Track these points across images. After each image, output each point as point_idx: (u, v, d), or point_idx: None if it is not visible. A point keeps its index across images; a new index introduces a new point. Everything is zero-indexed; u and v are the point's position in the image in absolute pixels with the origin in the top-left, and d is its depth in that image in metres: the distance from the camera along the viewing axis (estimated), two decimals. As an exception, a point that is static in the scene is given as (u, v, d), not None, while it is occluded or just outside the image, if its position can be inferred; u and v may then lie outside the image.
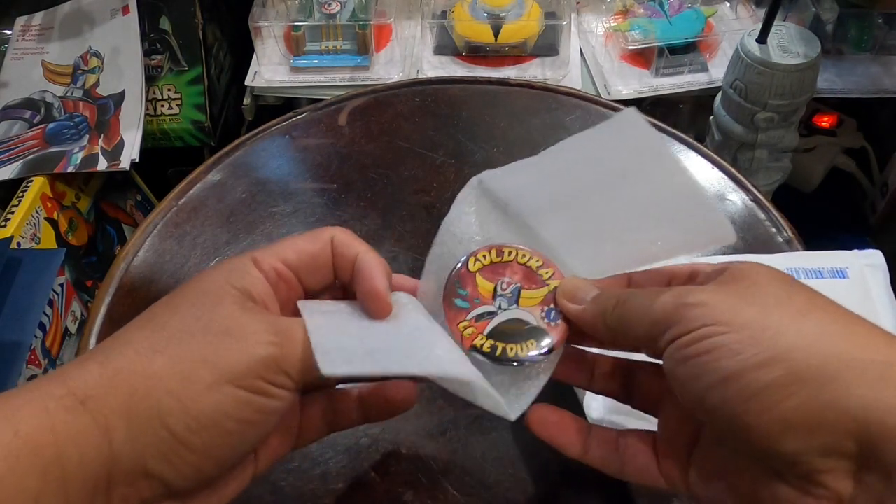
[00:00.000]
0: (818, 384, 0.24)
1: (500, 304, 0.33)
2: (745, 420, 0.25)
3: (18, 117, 0.85)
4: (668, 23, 0.90)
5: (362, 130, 0.61)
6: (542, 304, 0.33)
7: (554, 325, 0.33)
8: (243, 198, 0.56)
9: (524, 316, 0.33)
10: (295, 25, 0.89)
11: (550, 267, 0.34)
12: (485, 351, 0.32)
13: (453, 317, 0.33)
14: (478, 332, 0.33)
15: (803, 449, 0.24)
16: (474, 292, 0.34)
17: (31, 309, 0.64)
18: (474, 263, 0.34)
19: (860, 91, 0.89)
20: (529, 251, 0.35)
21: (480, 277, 0.34)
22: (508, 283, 0.34)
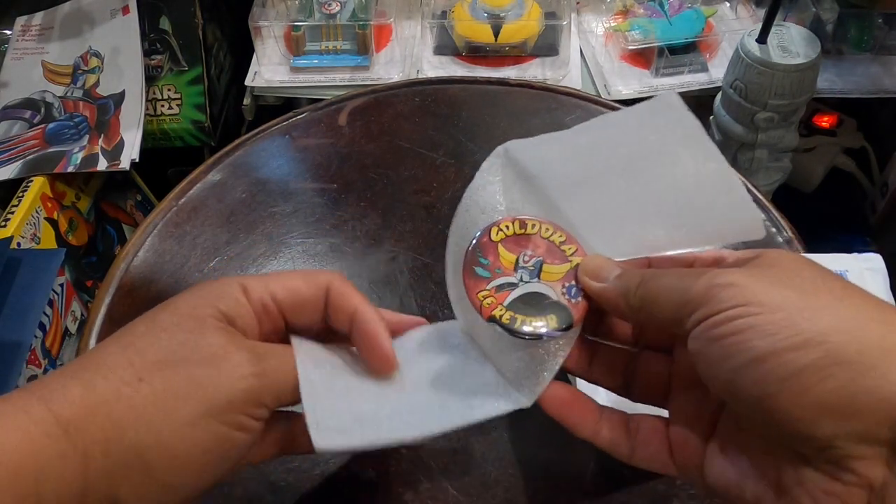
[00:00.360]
0: (856, 369, 0.24)
1: (522, 276, 0.33)
2: (777, 402, 0.25)
3: (18, 117, 0.85)
4: (668, 23, 0.90)
5: (362, 130, 0.61)
6: (563, 280, 0.33)
7: (574, 302, 0.32)
8: (243, 198, 0.56)
9: (545, 290, 0.33)
10: (295, 25, 0.89)
11: (573, 243, 0.34)
12: (504, 322, 0.32)
13: (473, 285, 0.33)
14: (497, 302, 0.32)
15: (837, 434, 0.24)
16: (496, 262, 0.33)
17: (31, 309, 0.64)
18: (497, 233, 0.34)
19: (860, 91, 0.89)
20: (553, 226, 0.34)
21: (503, 248, 0.34)
22: (531, 255, 0.33)
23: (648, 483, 0.40)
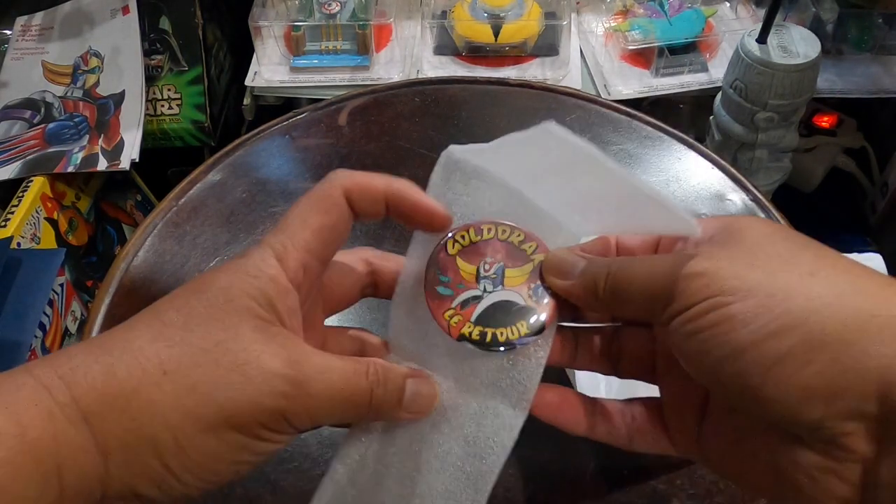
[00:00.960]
0: (836, 348, 0.24)
1: (485, 286, 0.32)
2: (762, 391, 0.25)
3: (18, 117, 0.85)
4: (668, 23, 0.90)
5: (362, 130, 0.61)
6: (528, 282, 0.32)
7: (544, 303, 0.31)
8: (243, 198, 0.56)
9: (511, 296, 0.31)
10: (295, 25, 0.89)
11: (533, 241, 0.32)
12: (474, 339, 0.31)
13: (437, 306, 0.31)
14: (465, 319, 0.31)
15: (825, 415, 0.24)
16: (456, 277, 0.32)
17: (31, 309, 0.64)
18: (453, 246, 0.32)
19: (860, 91, 0.89)
20: (509, 226, 0.33)
21: (461, 260, 0.32)
22: (491, 262, 0.32)
23: (648, 483, 0.40)
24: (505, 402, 0.31)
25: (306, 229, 0.30)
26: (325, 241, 0.30)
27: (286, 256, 0.29)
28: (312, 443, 0.42)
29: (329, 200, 0.30)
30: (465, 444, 0.31)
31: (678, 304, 0.27)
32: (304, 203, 0.30)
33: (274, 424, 0.27)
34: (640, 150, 0.59)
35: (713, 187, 0.56)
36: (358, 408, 0.29)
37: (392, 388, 0.30)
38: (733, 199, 0.55)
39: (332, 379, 0.28)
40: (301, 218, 0.30)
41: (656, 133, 0.60)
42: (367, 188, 0.31)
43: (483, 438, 0.31)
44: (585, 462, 0.41)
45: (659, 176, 0.57)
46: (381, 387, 0.30)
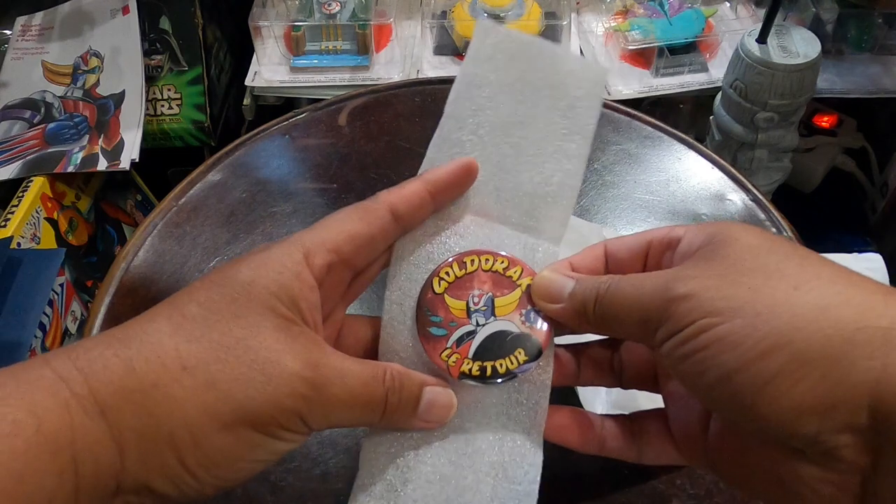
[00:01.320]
0: (824, 364, 0.24)
1: (477, 320, 0.32)
2: (756, 410, 0.25)
3: (18, 117, 0.85)
4: (668, 23, 0.90)
5: (362, 130, 0.61)
6: (518, 308, 0.32)
7: (538, 328, 0.32)
8: (243, 198, 0.56)
9: (504, 326, 0.32)
10: (295, 25, 0.89)
11: (517, 265, 0.33)
12: (474, 375, 0.31)
13: (433, 348, 0.31)
14: (462, 357, 0.31)
15: (820, 430, 0.24)
16: (447, 315, 0.32)
17: (31, 309, 0.64)
18: (439, 284, 0.32)
19: (860, 91, 0.89)
20: (491, 254, 0.33)
21: (449, 297, 0.32)
22: (479, 295, 0.32)
23: (648, 483, 0.40)
24: (518, 430, 0.32)
25: (341, 233, 0.30)
26: (357, 249, 0.30)
27: (313, 254, 0.29)
28: (312, 443, 0.42)
29: (372, 213, 0.31)
30: (493, 471, 0.31)
31: (668, 328, 0.27)
32: (345, 210, 0.31)
33: (291, 424, 0.27)
34: (640, 150, 0.59)
35: (713, 187, 0.56)
36: (372, 413, 0.30)
37: (407, 395, 0.30)
38: (733, 199, 0.55)
39: (350, 384, 0.28)
40: (338, 221, 0.31)
41: (656, 133, 0.60)
42: (412, 199, 0.32)
43: (510, 461, 0.31)
44: (585, 462, 0.41)
45: (659, 176, 0.57)
46: (395, 394, 0.30)
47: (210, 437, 0.26)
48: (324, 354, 0.28)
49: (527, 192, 0.34)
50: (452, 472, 0.31)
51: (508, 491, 0.31)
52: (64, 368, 0.25)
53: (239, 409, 0.26)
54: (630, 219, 0.55)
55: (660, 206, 0.55)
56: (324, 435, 0.43)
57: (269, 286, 0.28)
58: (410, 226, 0.33)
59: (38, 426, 0.24)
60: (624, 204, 0.55)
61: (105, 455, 0.25)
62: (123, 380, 0.25)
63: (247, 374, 0.26)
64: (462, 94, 0.34)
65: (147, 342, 0.26)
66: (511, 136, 0.34)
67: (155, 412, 0.25)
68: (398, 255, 0.33)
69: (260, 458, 0.27)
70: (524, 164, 0.34)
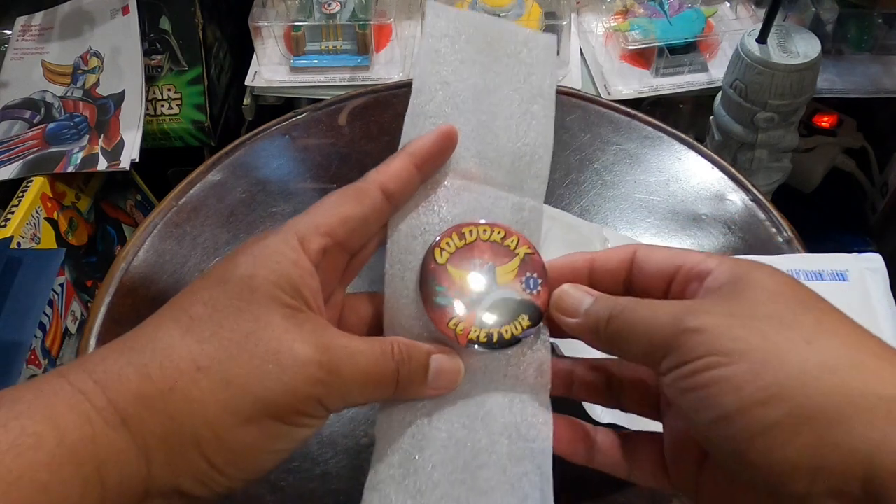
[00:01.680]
0: (823, 424, 0.23)
1: (481, 288, 0.33)
2: (750, 457, 0.24)
3: (18, 117, 0.85)
4: (668, 23, 0.90)
5: (362, 130, 0.61)
6: (518, 276, 0.33)
7: (537, 293, 0.33)
8: (243, 198, 0.56)
9: (507, 293, 0.33)
10: (295, 25, 0.89)
11: (513, 235, 0.34)
12: (482, 342, 0.32)
13: (439, 318, 0.32)
14: (469, 325, 0.32)
15: (810, 491, 0.24)
16: (452, 285, 0.32)
17: (31, 309, 0.64)
18: (441, 255, 0.33)
19: (860, 91, 0.89)
20: (488, 225, 0.34)
21: (452, 268, 0.33)
22: (481, 264, 0.33)
23: (648, 483, 0.40)
24: (527, 391, 0.33)
25: (334, 217, 0.30)
26: (351, 231, 0.31)
27: (308, 239, 0.29)
28: (312, 443, 0.42)
29: (363, 193, 0.31)
30: (506, 431, 0.32)
31: (675, 358, 0.27)
32: (336, 194, 0.31)
33: (310, 410, 0.28)
34: (640, 150, 0.59)
35: (713, 187, 0.56)
36: (386, 387, 0.30)
37: (416, 365, 0.31)
38: (733, 199, 0.55)
39: (361, 362, 0.29)
40: (331, 205, 0.31)
41: (656, 133, 0.60)
42: (400, 174, 0.32)
43: (522, 421, 0.32)
44: (585, 462, 0.41)
45: (659, 176, 0.57)
46: (405, 366, 0.30)
47: (233, 432, 0.26)
48: (332, 337, 0.29)
49: (507, 151, 0.35)
50: (467, 436, 0.32)
51: (524, 449, 0.32)
52: (81, 381, 0.25)
53: (258, 403, 0.26)
54: (630, 219, 0.55)
55: (660, 206, 0.55)
56: (324, 435, 0.43)
57: (269, 277, 0.28)
58: (402, 201, 0.33)
59: (60, 439, 0.24)
60: (624, 204, 0.55)
61: (130, 463, 0.25)
62: (141, 387, 0.26)
63: (261, 366, 0.26)
64: (426, 70, 0.36)
65: (159, 348, 0.26)
66: (482, 104, 0.36)
67: (176, 415, 0.26)
68: (393, 230, 0.34)
69: (284, 447, 0.28)
70: (499, 127, 0.35)
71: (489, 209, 0.34)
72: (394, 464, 0.32)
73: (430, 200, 0.34)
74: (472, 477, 0.31)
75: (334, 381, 0.28)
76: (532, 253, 0.33)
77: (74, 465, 0.24)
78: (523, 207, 0.35)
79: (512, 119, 0.36)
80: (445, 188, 0.34)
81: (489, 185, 0.35)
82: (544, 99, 0.37)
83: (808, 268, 0.47)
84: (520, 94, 0.36)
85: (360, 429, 0.43)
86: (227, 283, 0.28)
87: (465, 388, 0.32)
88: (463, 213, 0.34)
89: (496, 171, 0.35)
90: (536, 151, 0.36)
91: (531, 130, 0.36)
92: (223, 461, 0.26)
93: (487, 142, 0.35)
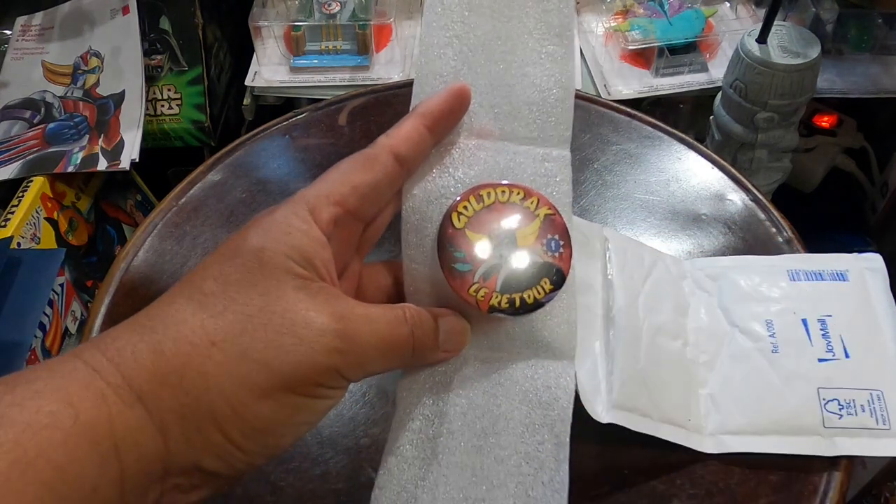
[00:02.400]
0: None
1: (501, 252, 0.32)
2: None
3: (18, 117, 0.85)
4: (668, 23, 0.90)
5: (362, 130, 0.61)
6: (539, 238, 0.32)
7: (558, 255, 0.32)
8: (243, 198, 0.56)
9: (528, 256, 0.32)
10: (295, 25, 0.89)
11: (533, 196, 0.32)
12: (503, 308, 0.31)
13: (460, 285, 0.31)
14: (490, 290, 0.31)
15: None
16: (471, 250, 0.31)
17: (31, 309, 0.64)
18: (458, 219, 0.32)
19: (860, 91, 0.89)
20: (506, 186, 0.32)
21: (470, 232, 0.32)
22: (500, 227, 0.32)
23: (648, 483, 0.40)
24: (549, 356, 0.32)
25: (344, 185, 0.30)
26: (363, 198, 0.30)
27: (319, 208, 0.29)
28: (312, 443, 0.42)
29: (373, 160, 0.31)
30: (526, 398, 0.32)
31: None
32: (346, 161, 0.31)
33: (329, 381, 0.27)
34: (640, 150, 0.59)
35: (713, 187, 0.56)
36: (403, 353, 0.30)
37: (427, 330, 0.31)
38: (733, 199, 0.55)
39: (378, 328, 0.28)
40: (341, 173, 0.30)
41: (656, 133, 0.60)
42: (411, 137, 0.31)
43: (543, 388, 0.32)
44: (585, 462, 0.41)
45: (659, 176, 0.57)
46: (420, 328, 0.30)
47: (251, 407, 0.26)
48: (347, 306, 0.28)
49: (524, 102, 0.34)
50: (486, 402, 0.32)
51: (542, 417, 0.32)
52: (95, 360, 0.25)
53: (274, 376, 0.26)
54: (630, 219, 0.55)
55: (660, 206, 0.55)
56: (324, 435, 0.43)
57: (280, 249, 0.27)
58: (415, 165, 0.32)
59: (76, 417, 0.24)
60: (624, 204, 0.55)
61: (147, 441, 0.25)
62: (155, 364, 0.25)
63: (276, 339, 0.26)
64: (434, 24, 0.34)
65: (171, 324, 0.26)
66: (494, 53, 0.34)
67: (192, 391, 0.25)
68: (408, 195, 0.33)
69: (304, 419, 0.28)
70: (514, 76, 0.34)
71: (508, 167, 0.33)
72: (414, 429, 0.32)
73: (445, 163, 0.33)
74: (488, 444, 0.31)
75: (353, 350, 0.27)
76: (552, 214, 0.32)
77: (91, 444, 0.24)
78: (547, 158, 0.33)
79: (527, 66, 0.34)
80: (460, 149, 0.33)
81: (507, 141, 0.34)
82: (562, 38, 0.35)
83: (808, 268, 0.47)
84: (534, 37, 0.34)
85: (360, 429, 0.43)
86: (237, 257, 0.27)
87: (487, 353, 0.32)
88: (480, 174, 0.33)
89: (514, 124, 0.34)
90: (556, 95, 0.34)
91: (549, 75, 0.34)
92: (242, 436, 0.26)
93: (502, 94, 0.34)
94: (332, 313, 0.27)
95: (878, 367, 0.42)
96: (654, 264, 0.47)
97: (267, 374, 0.26)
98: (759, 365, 0.43)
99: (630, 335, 0.42)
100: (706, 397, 0.43)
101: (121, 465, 0.24)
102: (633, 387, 0.40)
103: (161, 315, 0.27)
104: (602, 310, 0.44)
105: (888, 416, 0.40)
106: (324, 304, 0.27)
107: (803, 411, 0.41)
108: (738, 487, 0.40)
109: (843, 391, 0.41)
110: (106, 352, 0.25)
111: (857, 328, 0.44)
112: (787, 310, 0.45)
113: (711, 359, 0.44)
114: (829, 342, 0.43)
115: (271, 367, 0.26)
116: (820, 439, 0.40)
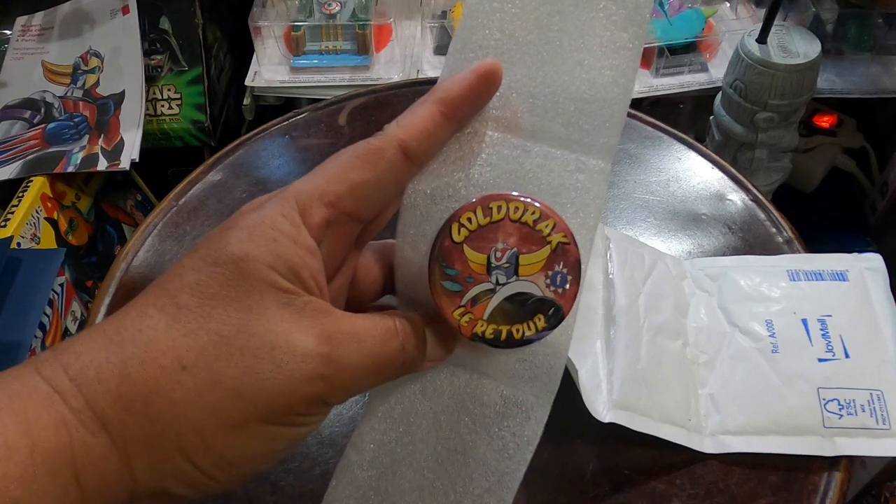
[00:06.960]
0: None
1: (497, 277, 0.28)
2: None
3: (18, 117, 0.85)
4: (668, 23, 0.90)
5: (362, 130, 0.61)
6: (544, 269, 0.28)
7: (562, 291, 0.28)
8: (243, 198, 0.56)
9: (527, 287, 0.28)
10: (295, 25, 0.89)
11: (549, 218, 0.28)
12: (488, 338, 0.28)
13: (446, 305, 0.28)
14: (476, 317, 0.28)
15: None
16: (465, 269, 0.28)
17: (31, 309, 0.64)
18: (459, 231, 0.28)
19: (860, 91, 0.89)
20: (522, 202, 0.28)
21: (469, 249, 0.28)
22: (503, 249, 0.28)
23: (648, 483, 0.40)
24: (528, 394, 0.30)
25: (341, 183, 0.27)
26: (361, 199, 0.27)
27: (310, 209, 0.26)
28: (312, 443, 0.42)
29: (378, 154, 0.27)
30: (490, 440, 0.30)
31: None
32: (347, 152, 0.27)
33: (310, 409, 0.25)
34: (640, 150, 0.59)
35: (713, 187, 0.56)
36: (394, 369, 0.28)
37: (418, 340, 0.28)
38: (733, 199, 0.55)
39: (367, 347, 0.26)
40: (339, 168, 0.27)
41: (656, 133, 0.60)
42: (425, 127, 0.27)
43: (509, 435, 0.30)
44: (585, 462, 0.41)
45: (659, 176, 0.57)
46: (410, 341, 0.28)
47: (221, 438, 0.24)
48: (335, 321, 0.26)
49: (570, 96, 0.28)
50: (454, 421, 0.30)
51: (499, 463, 0.30)
52: (56, 378, 0.23)
53: (249, 406, 0.24)
54: (630, 219, 0.55)
55: (660, 206, 0.55)
56: (323, 435, 0.43)
57: (264, 258, 0.25)
58: (426, 160, 0.28)
59: (32, 447, 0.22)
60: (624, 204, 0.55)
61: (111, 469, 0.23)
62: (120, 388, 0.23)
63: (253, 365, 0.24)
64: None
65: (141, 342, 0.24)
66: (547, 30, 0.28)
67: (158, 419, 0.23)
68: (413, 188, 0.29)
69: (280, 448, 0.26)
70: (566, 61, 0.28)
71: (533, 172, 0.29)
72: (379, 429, 0.31)
73: (461, 157, 0.29)
74: (448, 467, 0.30)
75: (338, 375, 0.25)
76: (567, 243, 0.28)
77: (49, 476, 0.22)
78: (581, 168, 0.29)
79: (586, 52, 0.28)
80: (481, 140, 0.29)
81: (539, 140, 0.29)
82: (635, 25, 0.29)
83: (808, 268, 0.47)
84: (604, 18, 0.29)
85: (360, 429, 0.43)
86: (217, 264, 0.25)
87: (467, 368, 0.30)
88: (497, 177, 0.29)
89: (552, 120, 0.29)
90: (612, 95, 0.28)
91: (608, 68, 0.28)
92: (211, 466, 0.24)
93: (546, 83, 0.29)
94: (317, 334, 0.25)
95: (877, 367, 0.42)
96: (655, 264, 0.47)
97: (240, 405, 0.24)
98: (759, 365, 0.43)
99: (630, 335, 0.42)
100: (706, 397, 0.43)
101: (83, 495, 0.23)
102: (634, 386, 0.40)
103: (130, 329, 0.24)
104: (603, 309, 0.44)
105: (888, 416, 0.40)
106: (309, 322, 0.25)
107: (803, 411, 0.41)
108: (738, 487, 0.40)
109: (843, 391, 0.41)
110: (68, 369, 0.24)
111: (857, 328, 0.44)
112: (787, 310, 0.45)
113: (711, 359, 0.44)
114: (828, 342, 0.43)
115: (245, 397, 0.24)
116: (820, 439, 0.41)
